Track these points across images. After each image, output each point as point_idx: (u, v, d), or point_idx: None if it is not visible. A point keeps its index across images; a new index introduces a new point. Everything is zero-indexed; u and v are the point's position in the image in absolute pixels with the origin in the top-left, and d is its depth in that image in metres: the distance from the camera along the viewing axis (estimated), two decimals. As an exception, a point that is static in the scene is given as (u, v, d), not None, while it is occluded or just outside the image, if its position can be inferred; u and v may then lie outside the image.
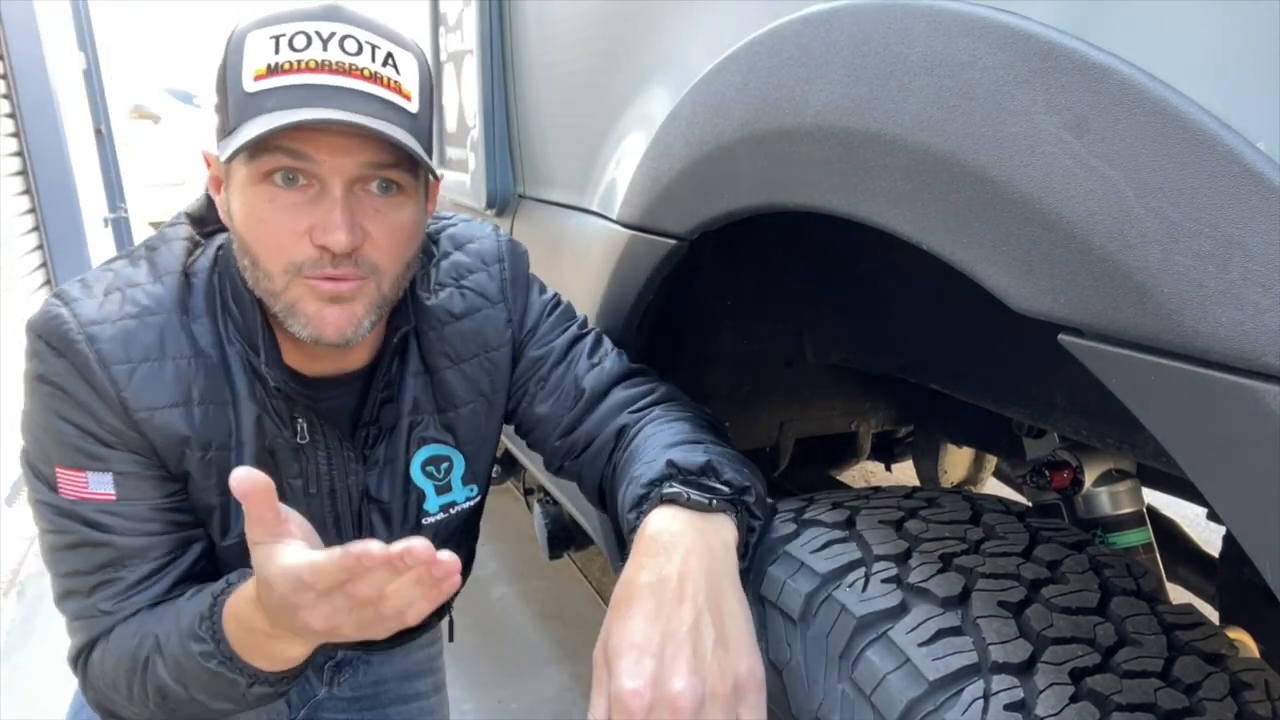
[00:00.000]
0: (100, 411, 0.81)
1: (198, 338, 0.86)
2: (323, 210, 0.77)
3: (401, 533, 1.00)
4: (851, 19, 0.65)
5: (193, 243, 0.92)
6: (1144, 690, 0.61)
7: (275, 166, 0.76)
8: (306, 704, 1.20)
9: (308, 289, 0.80)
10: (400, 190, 0.82)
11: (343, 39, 0.77)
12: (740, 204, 0.82)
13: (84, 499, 0.82)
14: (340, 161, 0.77)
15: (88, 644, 0.85)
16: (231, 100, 0.77)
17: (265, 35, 0.77)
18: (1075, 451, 1.12)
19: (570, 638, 2.17)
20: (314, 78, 0.76)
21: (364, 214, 0.79)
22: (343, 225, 0.76)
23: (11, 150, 3.60)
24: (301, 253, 0.78)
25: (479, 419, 1.01)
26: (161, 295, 0.86)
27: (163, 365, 0.84)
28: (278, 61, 0.76)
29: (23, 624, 2.26)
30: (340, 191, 0.77)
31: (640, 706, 0.62)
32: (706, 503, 0.75)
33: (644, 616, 0.66)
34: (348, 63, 0.77)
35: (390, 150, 0.78)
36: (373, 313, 0.83)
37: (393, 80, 0.79)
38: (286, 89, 0.75)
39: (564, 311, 1.06)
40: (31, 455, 0.85)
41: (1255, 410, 0.43)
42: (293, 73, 0.76)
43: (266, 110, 0.75)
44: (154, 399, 0.83)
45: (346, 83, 0.76)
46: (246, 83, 0.76)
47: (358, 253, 0.79)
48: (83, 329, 0.81)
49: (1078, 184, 0.49)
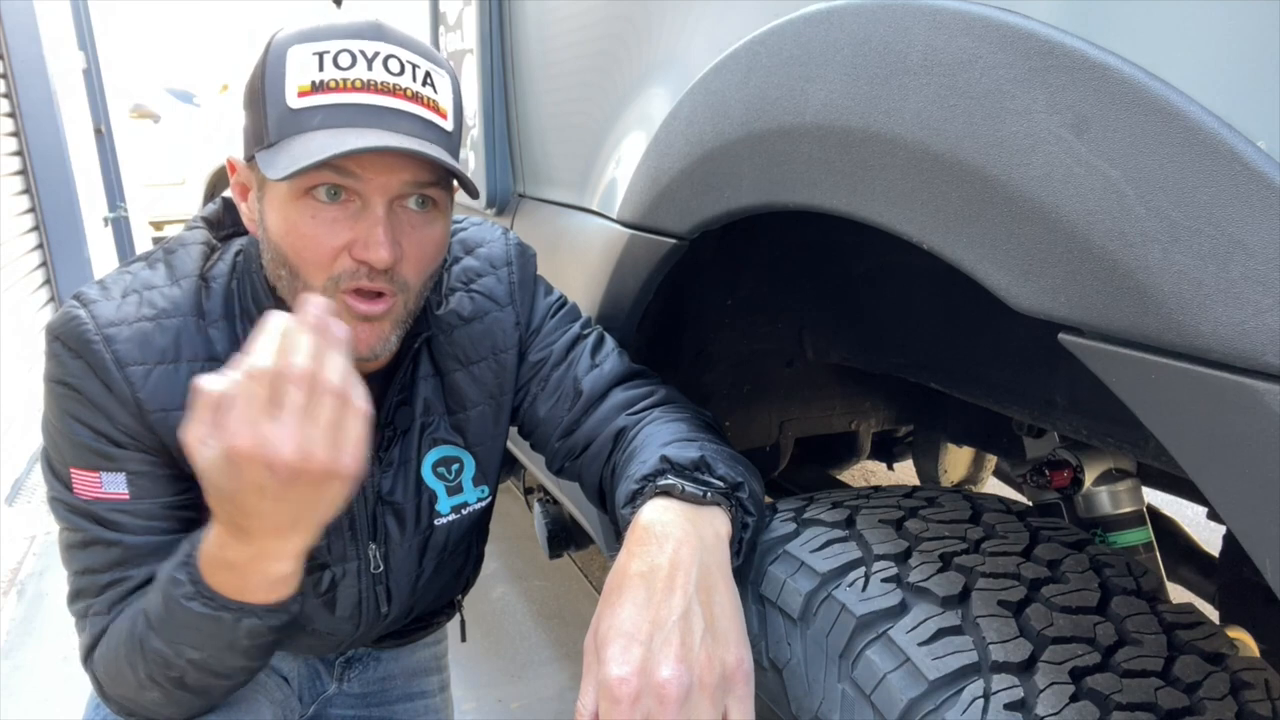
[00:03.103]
0: (115, 412, 0.82)
1: (214, 341, 0.87)
2: (365, 226, 0.79)
3: (414, 535, 1.01)
4: (852, 18, 0.65)
5: (209, 247, 0.93)
6: (1144, 689, 0.61)
7: (321, 182, 0.78)
8: (317, 699, 1.21)
9: (344, 307, 0.81)
10: (435, 206, 0.84)
11: (386, 59, 0.79)
12: (740, 203, 0.82)
13: (98, 499, 0.83)
14: (385, 180, 0.79)
15: (93, 642, 0.85)
16: (272, 113, 0.78)
17: (309, 51, 0.78)
18: (1075, 451, 1.12)
19: (570, 638, 2.17)
20: (359, 97, 0.77)
21: (401, 231, 0.81)
22: (385, 243, 0.79)
23: (11, 150, 3.60)
24: (341, 266, 0.80)
25: (488, 420, 1.02)
26: (178, 298, 0.87)
27: (178, 368, 0.84)
28: (323, 79, 0.77)
29: (23, 624, 2.26)
30: (383, 210, 0.79)
31: (627, 693, 0.62)
32: (700, 495, 0.75)
33: (634, 604, 0.66)
34: (391, 83, 0.79)
35: (431, 169, 0.80)
36: (398, 329, 0.86)
37: (431, 100, 0.81)
38: (333, 108, 0.77)
39: (568, 313, 1.06)
40: (49, 455, 0.86)
41: (1255, 410, 0.43)
42: (339, 91, 0.77)
43: (313, 128, 0.76)
44: (169, 400, 0.83)
45: (390, 103, 0.78)
46: (290, 98, 0.77)
47: (393, 269, 0.81)
48: (100, 330, 0.82)
49: (1078, 183, 0.49)
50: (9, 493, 2.88)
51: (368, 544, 0.98)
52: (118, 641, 0.82)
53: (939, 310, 1.05)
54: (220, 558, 0.74)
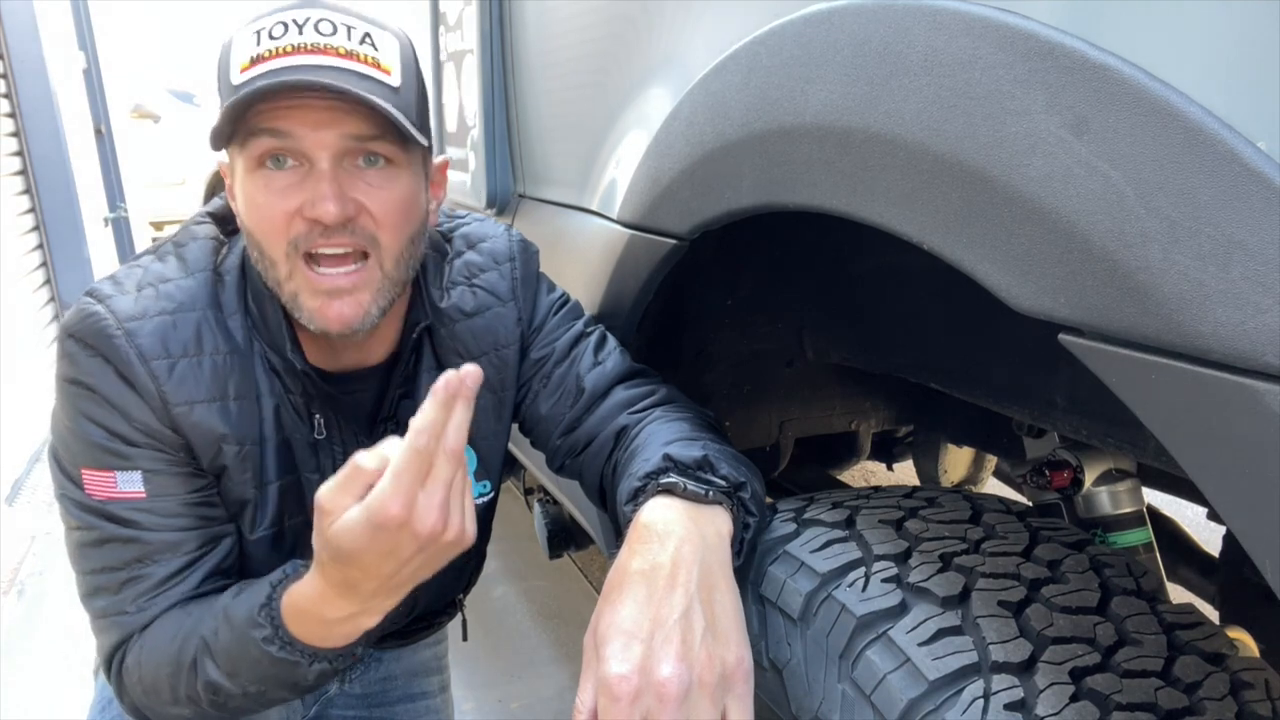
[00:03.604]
0: (133, 409, 0.82)
1: (233, 333, 0.87)
2: (311, 184, 0.79)
3: None
4: (852, 18, 0.65)
5: (218, 241, 0.93)
6: (1144, 689, 0.61)
7: (264, 150, 0.78)
8: (319, 700, 1.22)
9: (305, 281, 0.81)
10: (390, 163, 0.83)
11: (318, 22, 0.79)
12: (740, 204, 0.82)
13: (114, 498, 0.83)
14: (322, 135, 0.78)
15: (119, 644, 0.84)
16: (223, 98, 0.79)
17: (249, 31, 0.79)
18: (1075, 451, 1.12)
19: (570, 638, 2.17)
20: (291, 59, 0.77)
21: (355, 188, 0.80)
22: (330, 195, 0.78)
23: (11, 150, 3.60)
24: (295, 230, 0.80)
25: (489, 415, 1.02)
26: (195, 290, 0.87)
27: (200, 361, 0.85)
28: (258, 52, 0.78)
29: (23, 624, 2.26)
30: (327, 165, 0.79)
31: (627, 691, 0.62)
32: (702, 493, 0.75)
33: (635, 603, 0.66)
34: (323, 42, 0.78)
35: (374, 121, 0.79)
36: (380, 298, 0.84)
37: (370, 56, 0.80)
38: (265, 74, 0.77)
39: (570, 310, 1.06)
40: (58, 454, 0.85)
41: (1255, 410, 0.43)
42: (271, 59, 0.77)
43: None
44: (193, 393, 0.84)
45: (322, 60, 0.78)
46: (234, 77, 0.78)
47: (353, 223, 0.80)
48: (121, 324, 0.82)
49: (1078, 183, 0.49)
50: (9, 493, 2.88)
51: None
52: (157, 661, 0.81)
53: (939, 310, 1.05)
54: (315, 613, 0.75)
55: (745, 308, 1.23)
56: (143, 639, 0.83)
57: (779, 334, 1.28)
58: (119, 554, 0.83)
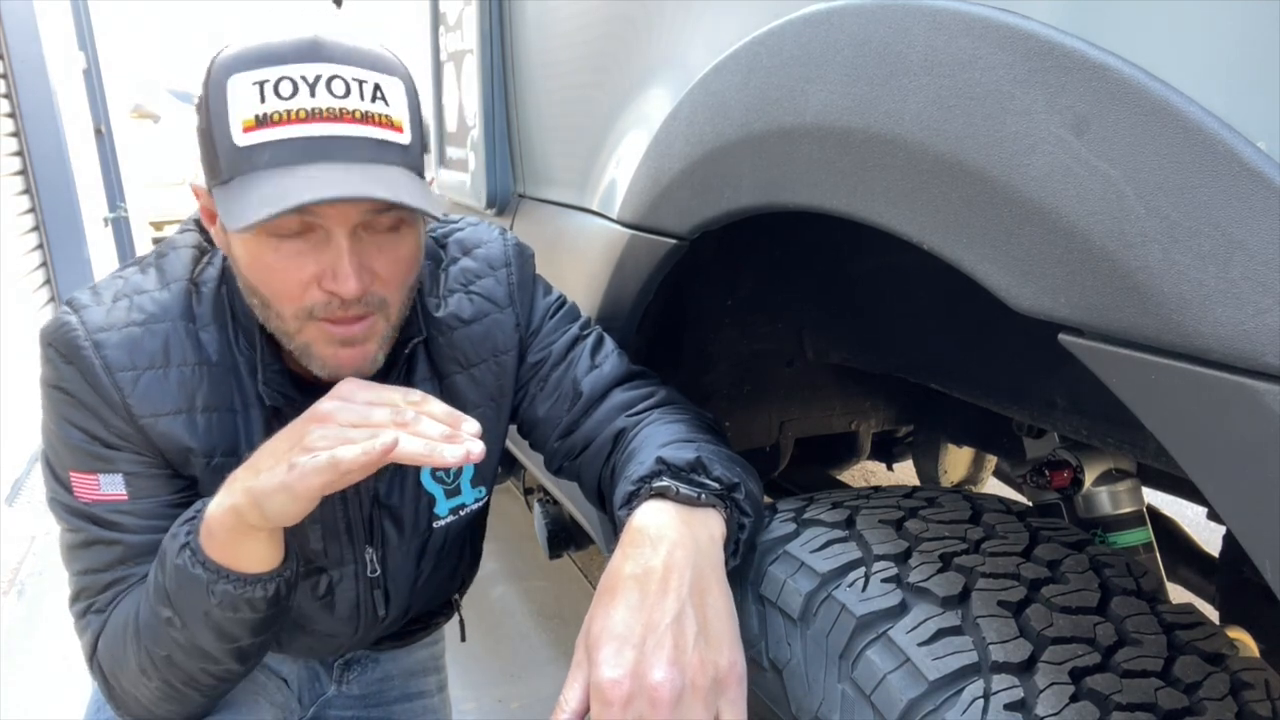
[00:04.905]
0: (107, 415, 0.83)
1: (205, 345, 0.87)
2: (330, 258, 0.77)
3: (412, 538, 1.01)
4: (852, 18, 0.65)
5: (200, 250, 0.93)
6: (1144, 690, 0.61)
7: (281, 226, 0.76)
8: (316, 701, 1.22)
9: (321, 332, 0.81)
10: (402, 223, 0.82)
11: (329, 81, 0.75)
12: (740, 204, 0.82)
13: (98, 500, 0.84)
14: (344, 211, 0.76)
15: (95, 638, 0.85)
16: (221, 150, 0.75)
17: (248, 81, 0.74)
18: (1075, 451, 1.12)
19: (570, 638, 2.17)
20: (305, 129, 0.74)
21: (369, 255, 0.79)
22: (352, 274, 0.77)
23: (11, 150, 3.60)
24: (311, 298, 0.79)
25: (488, 422, 1.01)
26: (168, 302, 0.87)
27: (167, 373, 0.84)
28: (265, 112, 0.74)
29: (23, 624, 2.26)
30: (346, 240, 0.77)
31: (619, 696, 0.62)
32: (695, 496, 0.75)
33: (627, 607, 0.66)
34: (338, 107, 0.75)
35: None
36: (384, 346, 0.85)
37: (384, 116, 0.77)
38: (279, 143, 0.74)
39: (567, 313, 1.06)
40: (49, 458, 0.86)
41: (1255, 410, 0.43)
42: (283, 124, 0.74)
43: (262, 166, 0.74)
44: (158, 406, 0.84)
45: (339, 130, 0.75)
46: (236, 134, 0.74)
47: (366, 292, 0.80)
48: (89, 336, 0.82)
49: (1078, 183, 0.49)
50: (9, 493, 2.88)
51: (364, 548, 0.98)
52: (119, 626, 0.83)
53: (939, 310, 1.05)
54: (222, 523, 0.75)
55: (745, 308, 1.23)
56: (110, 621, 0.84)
57: (779, 334, 1.28)
58: (102, 556, 0.84)
